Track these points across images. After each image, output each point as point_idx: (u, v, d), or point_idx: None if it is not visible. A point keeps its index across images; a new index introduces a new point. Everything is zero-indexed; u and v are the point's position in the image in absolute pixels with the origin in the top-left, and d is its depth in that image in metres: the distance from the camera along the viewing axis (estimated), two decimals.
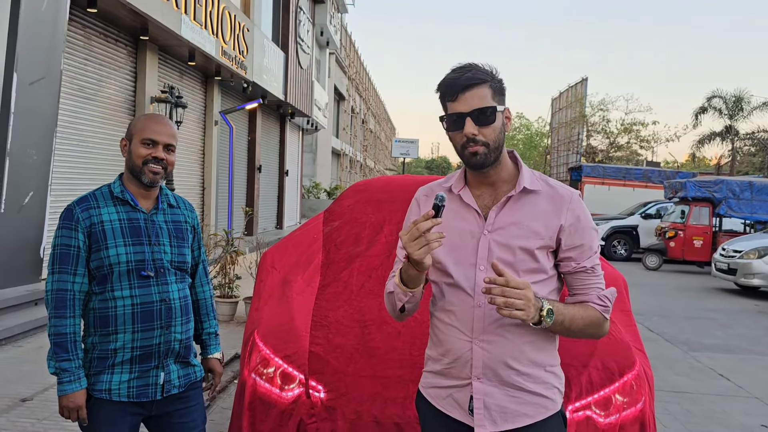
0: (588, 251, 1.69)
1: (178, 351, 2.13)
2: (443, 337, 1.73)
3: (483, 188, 1.73)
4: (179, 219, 2.21)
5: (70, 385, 1.95)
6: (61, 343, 1.96)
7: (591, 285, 1.70)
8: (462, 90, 1.62)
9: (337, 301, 3.00)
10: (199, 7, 10.85)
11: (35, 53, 6.77)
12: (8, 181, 6.51)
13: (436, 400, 1.76)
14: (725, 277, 12.14)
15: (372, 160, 55.55)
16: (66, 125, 8.33)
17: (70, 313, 1.98)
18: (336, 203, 3.96)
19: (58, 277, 2.00)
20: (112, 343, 2.02)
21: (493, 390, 1.66)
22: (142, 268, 2.04)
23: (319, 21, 23.41)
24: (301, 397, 2.44)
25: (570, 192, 1.72)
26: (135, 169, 2.08)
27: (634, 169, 24.75)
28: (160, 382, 2.08)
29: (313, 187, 28.67)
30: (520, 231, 1.66)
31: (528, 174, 1.72)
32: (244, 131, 16.57)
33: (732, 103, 29.97)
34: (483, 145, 1.63)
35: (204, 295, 2.34)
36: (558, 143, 45.87)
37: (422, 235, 1.52)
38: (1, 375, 4.81)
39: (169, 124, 2.13)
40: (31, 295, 6.61)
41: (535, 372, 1.67)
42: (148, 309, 2.04)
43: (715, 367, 6.34)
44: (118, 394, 2.03)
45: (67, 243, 2.01)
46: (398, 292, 1.70)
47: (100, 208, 2.05)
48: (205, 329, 2.33)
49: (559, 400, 1.73)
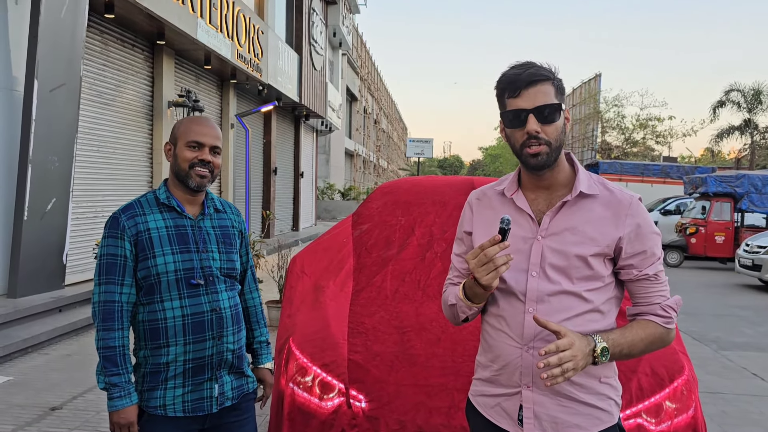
0: (651, 258, 1.61)
1: (231, 362, 2.06)
2: (493, 342, 1.68)
3: (538, 192, 1.67)
4: (226, 224, 2.14)
5: (120, 400, 1.89)
6: (110, 356, 1.90)
7: (654, 293, 1.62)
8: (525, 86, 1.56)
9: (372, 306, 2.94)
10: (215, 10, 10.86)
11: (55, 60, 6.78)
12: (31, 188, 6.53)
13: (484, 409, 1.70)
14: (750, 273, 11.95)
15: (385, 160, 55.53)
16: (86, 131, 8.36)
17: (118, 325, 1.92)
18: (364, 206, 3.90)
19: (105, 288, 1.93)
20: (164, 357, 1.96)
21: (543, 399, 1.59)
22: (191, 277, 1.97)
23: (331, 22, 23.42)
24: (341, 407, 2.38)
25: (630, 197, 1.64)
26: (181, 173, 2.00)
27: (652, 165, 24.46)
28: (215, 395, 2.01)
29: (327, 188, 28.70)
30: (574, 237, 1.59)
31: (585, 177, 1.65)
32: (259, 134, 16.59)
33: (751, 96, 29.57)
34: (545, 144, 1.57)
35: (254, 302, 2.27)
36: (572, 140, 45.54)
37: (490, 260, 1.48)
38: (29, 384, 4.81)
39: (214, 126, 2.06)
40: (56, 301, 6.63)
41: (589, 382, 1.60)
42: (198, 319, 1.97)
43: (748, 366, 6.20)
44: (173, 409, 1.96)
45: (114, 252, 1.94)
46: (461, 306, 1.65)
47: (146, 215, 1.98)
48: (255, 338, 2.26)
49: (616, 412, 1.65)
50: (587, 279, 1.59)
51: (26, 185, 6.48)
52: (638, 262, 1.61)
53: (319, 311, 2.97)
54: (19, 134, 6.60)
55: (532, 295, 1.59)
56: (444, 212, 3.51)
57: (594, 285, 1.60)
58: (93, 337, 6.32)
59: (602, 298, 1.61)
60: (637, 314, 1.64)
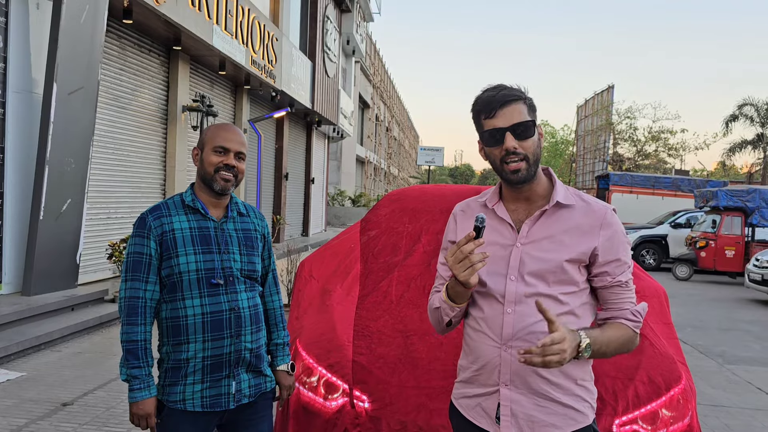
0: (623, 265, 1.71)
1: (249, 360, 2.13)
2: (473, 344, 1.76)
3: (518, 203, 1.77)
4: (249, 227, 2.22)
5: (140, 392, 1.99)
6: (132, 350, 1.99)
7: (625, 299, 1.72)
8: (500, 106, 1.66)
9: (378, 310, 3.01)
10: (230, 17, 11.01)
11: (74, 64, 6.93)
12: (47, 189, 6.66)
13: (466, 410, 1.78)
14: (759, 288, 11.88)
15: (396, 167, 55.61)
16: (102, 134, 8.50)
17: (141, 320, 2.01)
18: (372, 212, 3.97)
19: (130, 284, 2.03)
20: (184, 353, 2.05)
21: (520, 398, 1.66)
22: (212, 277, 2.06)
23: (345, 30, 23.58)
24: (345, 407, 2.45)
25: (604, 207, 1.74)
26: (207, 177, 2.10)
27: (663, 177, 24.38)
28: (232, 392, 2.09)
29: (338, 194, 28.78)
30: (552, 245, 1.69)
31: (562, 189, 1.75)
32: (271, 139, 16.73)
33: (764, 110, 29.44)
34: (523, 160, 1.66)
35: (273, 305, 2.33)
36: (584, 151, 45.45)
37: (466, 257, 1.56)
38: (41, 380, 4.92)
39: (239, 133, 2.16)
40: (69, 300, 6.75)
41: (566, 383, 1.68)
42: (217, 318, 2.05)
43: (753, 381, 6.20)
44: (192, 404, 2.05)
45: (140, 251, 2.04)
46: (445, 308, 1.73)
47: (172, 217, 2.08)
48: (273, 340, 2.32)
49: (591, 414, 1.72)
50: (562, 283, 1.68)
51: (43, 186, 6.62)
52: (612, 269, 1.70)
53: (326, 314, 3.04)
54: (37, 136, 6.75)
55: (510, 297, 1.68)
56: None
57: (569, 289, 1.69)
58: (103, 335, 6.45)
59: (577, 301, 1.70)
60: (608, 318, 1.72)
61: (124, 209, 9.27)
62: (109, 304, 7.33)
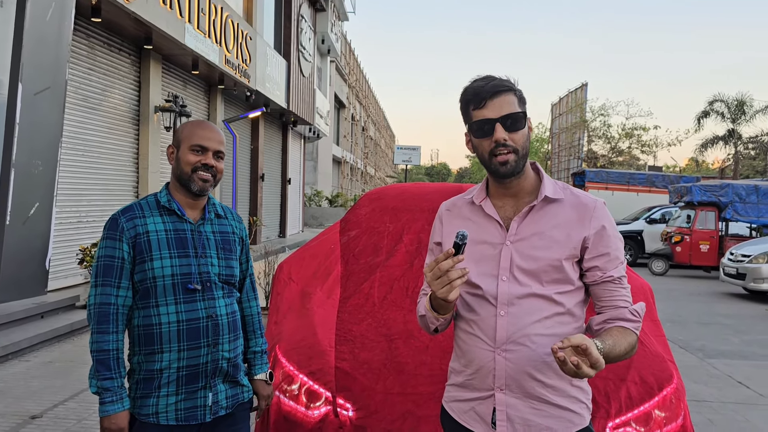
0: (614, 261, 1.64)
1: (226, 370, 2.01)
2: (465, 347, 1.69)
3: (505, 199, 1.70)
4: (227, 230, 2.10)
5: (112, 405, 1.85)
6: (103, 360, 1.85)
7: (619, 297, 1.63)
8: (490, 96, 1.60)
9: (360, 313, 2.91)
10: (203, 15, 10.82)
11: (40, 63, 6.71)
12: (14, 193, 6.42)
13: (458, 414, 1.72)
14: (734, 282, 12.05)
15: (372, 167, 55.56)
16: (71, 135, 8.27)
17: (113, 328, 1.87)
18: (351, 212, 3.87)
19: (101, 290, 1.89)
20: (157, 363, 1.91)
21: (516, 402, 1.61)
22: (188, 282, 1.93)
23: (320, 29, 23.43)
24: (328, 416, 2.34)
25: (594, 200, 1.69)
26: (183, 176, 1.98)
27: (638, 173, 24.64)
28: (209, 404, 1.97)
29: (315, 195, 28.62)
30: (542, 241, 1.63)
31: (550, 183, 1.69)
32: (247, 140, 16.53)
33: (734, 107, 29.97)
34: (513, 152, 1.60)
35: (251, 311, 2.22)
36: (558, 149, 45.85)
37: (444, 274, 1.48)
38: (9, 391, 4.72)
39: (217, 130, 2.05)
40: (38, 308, 6.54)
41: (561, 385, 1.61)
42: (194, 326, 1.93)
43: (734, 374, 6.23)
44: (165, 417, 1.92)
45: (111, 254, 1.90)
46: (430, 317, 1.67)
47: (146, 218, 1.95)
48: (250, 347, 2.21)
49: (587, 415, 1.67)
50: (557, 282, 1.62)
51: (9, 189, 6.38)
52: (603, 263, 1.63)
53: (306, 318, 2.93)
54: (2, 138, 6.50)
55: (503, 299, 1.62)
56: (433, 219, 3.48)
57: (564, 288, 1.63)
58: (74, 344, 6.24)
59: (572, 301, 1.64)
60: (605, 321, 1.62)
61: (95, 212, 9.03)
62: (81, 310, 7.12)
